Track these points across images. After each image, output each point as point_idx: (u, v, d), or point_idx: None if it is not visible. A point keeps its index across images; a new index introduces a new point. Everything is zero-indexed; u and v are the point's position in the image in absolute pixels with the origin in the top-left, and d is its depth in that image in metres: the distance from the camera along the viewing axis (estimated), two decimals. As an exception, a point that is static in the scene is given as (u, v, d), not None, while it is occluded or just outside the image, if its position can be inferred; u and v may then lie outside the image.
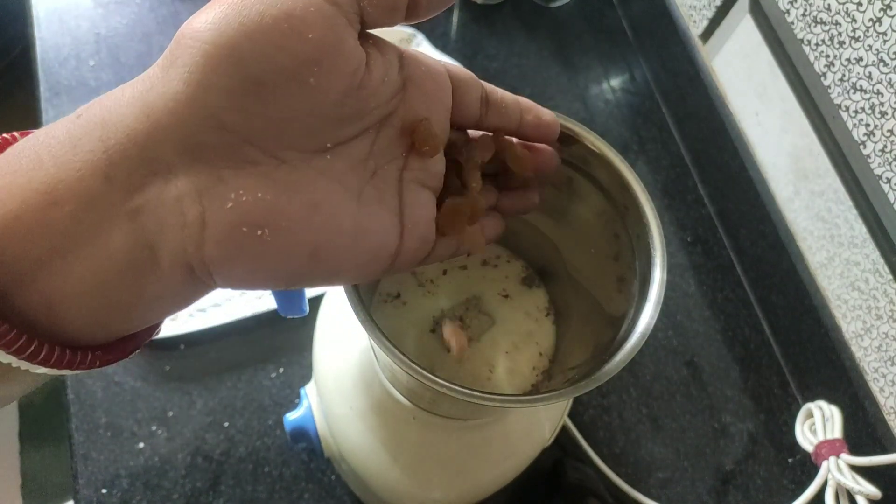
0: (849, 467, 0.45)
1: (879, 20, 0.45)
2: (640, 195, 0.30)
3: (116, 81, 0.62)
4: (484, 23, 0.72)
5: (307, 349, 0.51)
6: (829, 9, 0.49)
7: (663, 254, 0.28)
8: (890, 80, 0.45)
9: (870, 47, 0.46)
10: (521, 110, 0.27)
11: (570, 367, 0.34)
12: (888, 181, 0.46)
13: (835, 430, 0.48)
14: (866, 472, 0.45)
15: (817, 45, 0.50)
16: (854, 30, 0.47)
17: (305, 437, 0.43)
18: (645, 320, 0.27)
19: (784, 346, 0.60)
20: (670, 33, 0.67)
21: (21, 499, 1.05)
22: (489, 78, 0.26)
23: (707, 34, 0.64)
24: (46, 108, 0.60)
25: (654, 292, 0.28)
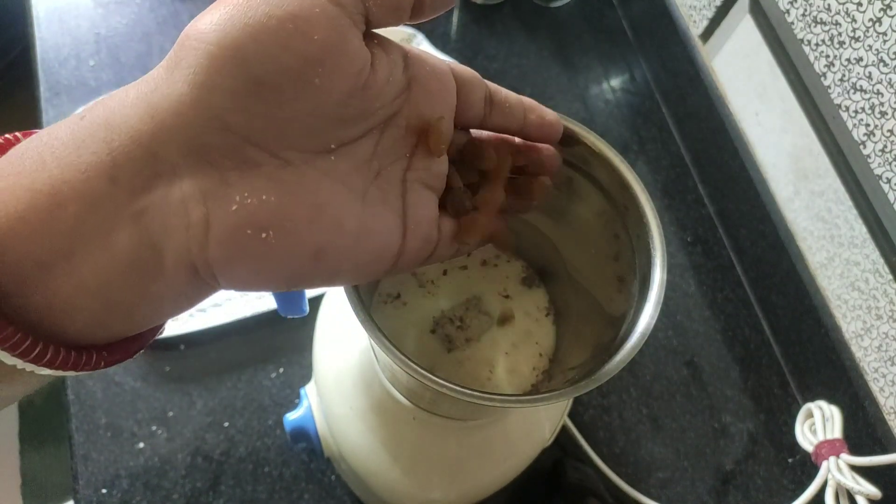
0: (849, 467, 0.45)
1: (879, 20, 0.45)
2: (640, 195, 0.30)
3: (116, 81, 0.62)
4: (484, 23, 0.72)
5: (307, 349, 0.51)
6: (829, 9, 0.49)
7: (663, 254, 0.28)
8: (890, 80, 0.45)
9: (870, 47, 0.46)
10: (524, 110, 0.27)
11: (570, 367, 0.34)
12: (888, 181, 0.46)
13: (835, 430, 0.48)
14: (866, 472, 0.45)
15: (817, 45, 0.50)
16: (854, 30, 0.47)
17: (305, 437, 0.43)
18: (645, 320, 0.27)
19: (784, 346, 0.60)
20: (670, 33, 0.67)
21: (21, 499, 1.05)
22: (489, 78, 0.26)
23: (707, 34, 0.64)
24: (46, 108, 0.60)
25: (654, 292, 0.28)
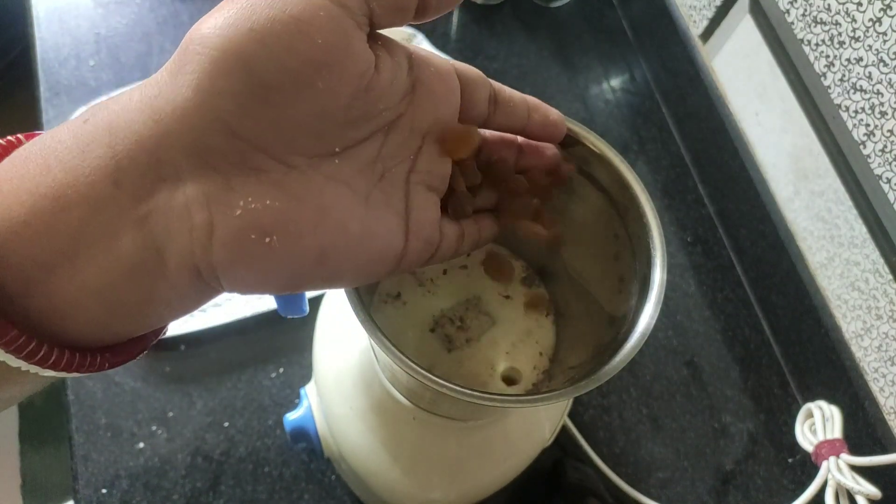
0: (849, 467, 0.45)
1: (879, 20, 0.45)
2: (640, 195, 0.30)
3: (116, 81, 0.62)
4: (484, 23, 0.72)
5: (307, 349, 0.51)
6: (829, 9, 0.49)
7: (663, 254, 0.28)
8: (890, 80, 0.45)
9: (870, 47, 0.46)
10: (528, 109, 0.27)
11: (570, 367, 0.34)
12: (888, 181, 0.46)
13: (835, 430, 0.48)
14: (866, 472, 0.45)
15: (817, 45, 0.50)
16: (854, 30, 0.47)
17: (305, 437, 0.43)
18: (645, 320, 0.27)
19: (784, 346, 0.60)
20: (670, 33, 0.67)
21: (21, 499, 1.05)
22: (490, 78, 0.26)
23: (707, 34, 0.64)
24: (46, 108, 0.60)
25: (654, 292, 0.28)
